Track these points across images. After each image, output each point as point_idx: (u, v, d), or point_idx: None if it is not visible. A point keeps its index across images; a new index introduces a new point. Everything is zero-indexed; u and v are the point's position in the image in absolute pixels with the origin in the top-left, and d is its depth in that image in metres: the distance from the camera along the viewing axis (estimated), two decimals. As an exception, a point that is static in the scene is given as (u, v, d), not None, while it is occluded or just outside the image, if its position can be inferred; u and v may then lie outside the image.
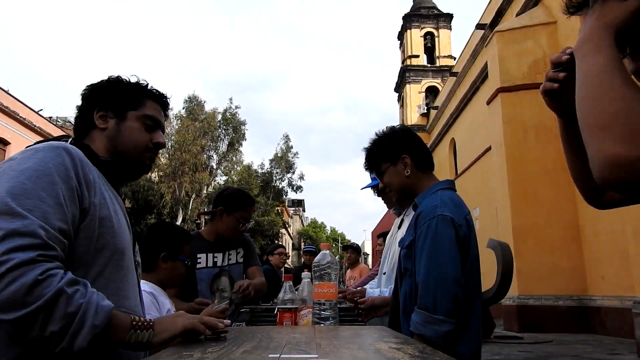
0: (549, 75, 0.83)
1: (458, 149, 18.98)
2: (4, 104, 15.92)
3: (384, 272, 2.07)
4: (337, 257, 15.99)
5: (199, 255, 2.37)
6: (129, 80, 1.24)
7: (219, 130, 25.40)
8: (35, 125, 17.43)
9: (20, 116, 16.76)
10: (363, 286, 2.30)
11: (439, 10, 28.40)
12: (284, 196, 30.59)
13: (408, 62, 27.07)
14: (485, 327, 7.55)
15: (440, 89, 24.54)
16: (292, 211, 53.43)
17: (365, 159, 1.80)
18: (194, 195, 23.62)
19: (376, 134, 1.78)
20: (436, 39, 27.66)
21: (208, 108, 25.45)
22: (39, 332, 0.83)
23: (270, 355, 0.77)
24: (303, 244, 49.77)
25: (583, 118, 0.67)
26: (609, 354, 6.67)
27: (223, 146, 25.81)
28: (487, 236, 3.23)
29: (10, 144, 16.21)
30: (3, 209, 0.86)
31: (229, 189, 2.62)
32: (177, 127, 24.02)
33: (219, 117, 25.44)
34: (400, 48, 29.77)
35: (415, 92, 26.25)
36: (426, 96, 26.06)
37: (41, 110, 19.23)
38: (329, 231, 69.30)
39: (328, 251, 1.63)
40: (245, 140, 26.20)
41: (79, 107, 1.21)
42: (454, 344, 1.37)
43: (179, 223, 21.52)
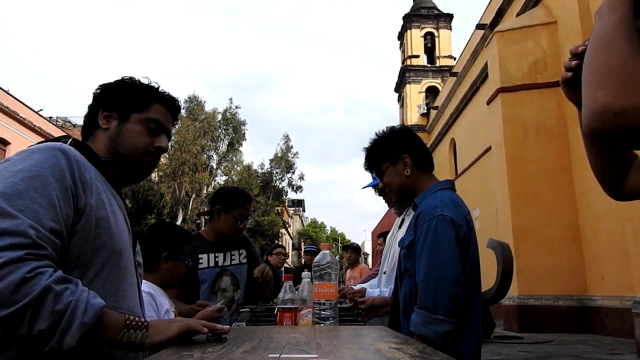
0: (565, 65, 0.84)
1: (458, 149, 18.98)
2: (4, 104, 15.92)
3: (384, 272, 2.07)
4: (337, 257, 15.99)
5: (200, 256, 2.37)
6: (139, 81, 1.23)
7: (219, 130, 25.40)
8: (35, 125, 17.44)
9: (20, 116, 16.76)
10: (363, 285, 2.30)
11: (439, 10, 28.41)
12: (284, 196, 30.57)
13: (408, 62, 27.08)
14: (485, 327, 7.55)
15: (440, 89, 24.54)
16: (292, 211, 53.42)
17: (365, 158, 1.80)
18: (194, 195, 23.62)
19: (376, 134, 1.78)
20: (436, 39, 27.67)
21: (208, 108, 25.49)
22: (27, 331, 0.82)
23: (270, 355, 0.77)
24: (303, 244, 49.77)
25: (584, 74, 0.70)
26: (609, 354, 6.67)
27: (223, 146, 25.82)
28: (487, 236, 3.23)
29: (10, 144, 16.21)
30: None
31: (225, 187, 2.61)
32: (177, 127, 23.93)
33: (219, 117, 25.44)
34: (400, 48, 29.77)
35: (415, 92, 26.26)
36: (426, 96, 26.07)
37: (41, 110, 19.26)
38: (329, 231, 69.27)
39: (328, 251, 1.63)
40: (245, 140, 26.24)
41: (89, 106, 1.21)
42: (454, 344, 1.37)
43: (179, 223, 21.52)
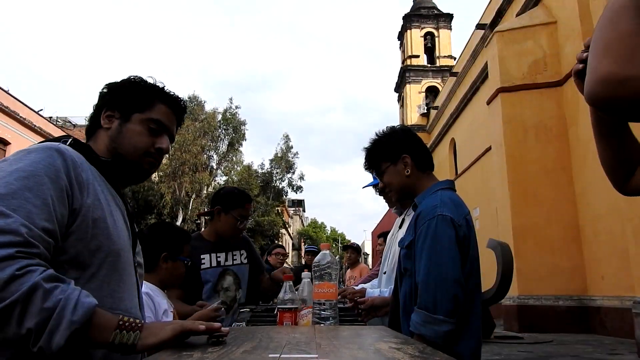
0: (577, 56, 0.85)
1: (458, 149, 18.98)
2: (4, 104, 15.92)
3: (385, 272, 2.06)
4: (337, 257, 15.99)
5: (202, 256, 2.38)
6: (143, 81, 1.21)
7: (219, 130, 25.39)
8: (35, 125, 17.44)
9: (20, 116, 16.76)
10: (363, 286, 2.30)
11: (439, 10, 28.41)
12: (284, 196, 30.57)
13: (408, 62, 27.08)
14: (485, 327, 7.55)
15: (440, 89, 24.54)
16: (292, 211, 53.42)
17: (366, 158, 1.80)
18: (194, 196, 23.61)
19: (376, 134, 1.78)
20: (436, 39, 27.67)
21: (208, 108, 25.48)
22: (15, 330, 0.80)
23: (270, 355, 0.77)
24: (303, 244, 49.80)
25: (591, 48, 0.72)
26: (609, 354, 6.67)
27: (223, 146, 25.81)
28: (487, 236, 3.23)
29: (10, 144, 16.21)
30: None
31: (225, 188, 2.63)
32: (177, 127, 23.97)
33: (219, 117, 25.44)
34: (400, 48, 29.77)
35: (415, 92, 26.26)
36: (426, 96, 26.07)
37: (41, 110, 19.26)
38: (329, 231, 69.25)
39: (328, 251, 1.63)
40: (245, 140, 26.22)
41: (94, 106, 1.20)
42: (454, 344, 1.37)
43: (179, 223, 21.53)
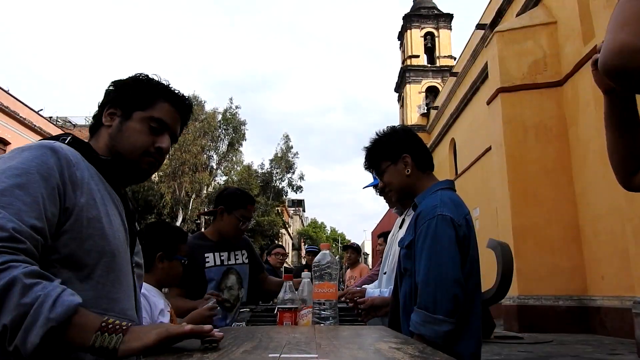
0: (598, 47, 0.85)
1: (458, 149, 18.98)
2: (4, 104, 15.92)
3: (385, 272, 2.06)
4: (337, 257, 16.00)
5: (206, 255, 2.39)
6: (148, 78, 1.19)
7: (219, 130, 25.40)
8: (35, 125, 17.44)
9: (20, 116, 16.76)
10: (363, 286, 2.30)
11: (439, 10, 28.41)
12: (284, 196, 30.59)
13: (408, 62, 27.08)
14: (485, 327, 7.55)
15: (440, 89, 24.54)
16: (292, 211, 53.42)
17: (366, 158, 1.80)
18: (194, 196, 23.61)
19: (377, 134, 1.78)
20: (436, 39, 27.67)
21: (208, 108, 25.47)
22: None
23: (270, 355, 0.77)
24: (303, 244, 49.84)
25: (609, 24, 0.74)
26: (609, 354, 6.67)
27: (223, 146, 25.82)
28: (487, 236, 3.22)
29: (10, 144, 16.20)
30: None
31: (229, 188, 2.65)
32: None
33: (219, 117, 25.44)
34: (400, 48, 29.77)
35: (416, 92, 26.26)
36: (426, 96, 26.07)
37: (41, 110, 19.26)
38: (329, 231, 69.26)
39: (328, 251, 1.63)
40: (245, 140, 26.25)
41: (98, 103, 1.18)
42: (453, 344, 1.37)
43: (179, 223, 21.53)
